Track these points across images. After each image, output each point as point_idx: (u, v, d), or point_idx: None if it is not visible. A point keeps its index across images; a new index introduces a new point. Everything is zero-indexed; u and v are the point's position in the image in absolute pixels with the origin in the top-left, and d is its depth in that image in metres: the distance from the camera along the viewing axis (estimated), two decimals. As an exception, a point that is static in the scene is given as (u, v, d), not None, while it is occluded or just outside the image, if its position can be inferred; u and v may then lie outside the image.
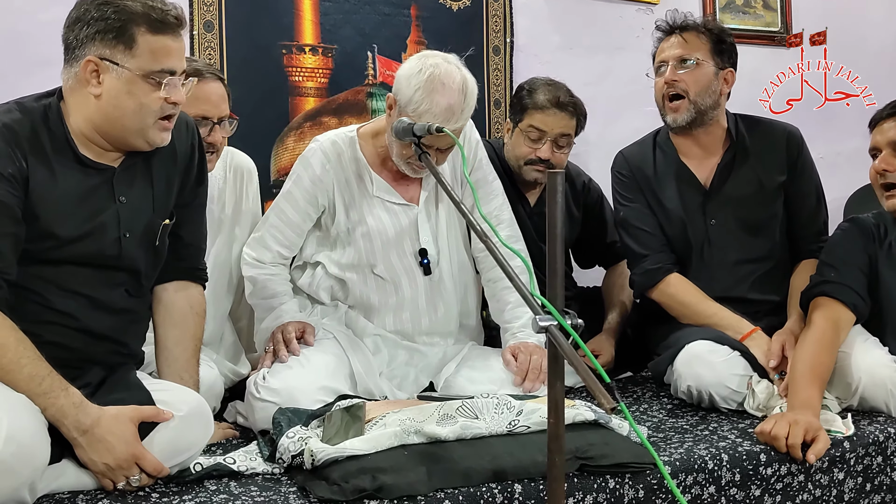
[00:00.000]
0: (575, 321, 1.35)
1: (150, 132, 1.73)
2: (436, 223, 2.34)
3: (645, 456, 1.74)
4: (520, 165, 2.61)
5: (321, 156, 2.27)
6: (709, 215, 2.45)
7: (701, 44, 2.43)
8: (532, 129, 2.56)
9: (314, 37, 2.87)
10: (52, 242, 1.68)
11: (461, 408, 1.85)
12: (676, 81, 2.41)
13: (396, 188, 2.30)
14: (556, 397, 1.44)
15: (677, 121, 2.43)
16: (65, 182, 1.70)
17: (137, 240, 1.78)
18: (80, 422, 1.58)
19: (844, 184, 3.39)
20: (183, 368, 1.91)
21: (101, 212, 1.73)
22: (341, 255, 2.30)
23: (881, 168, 2.18)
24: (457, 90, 2.11)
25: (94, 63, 1.67)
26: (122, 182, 1.77)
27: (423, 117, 2.07)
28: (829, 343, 2.12)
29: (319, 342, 2.20)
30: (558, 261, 1.44)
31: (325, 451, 1.66)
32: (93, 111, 1.70)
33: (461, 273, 2.39)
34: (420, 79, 2.10)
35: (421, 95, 2.09)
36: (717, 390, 2.16)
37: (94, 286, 1.74)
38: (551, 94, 2.56)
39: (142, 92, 1.69)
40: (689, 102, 2.41)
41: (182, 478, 1.70)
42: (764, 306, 2.43)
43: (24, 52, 2.45)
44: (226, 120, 2.21)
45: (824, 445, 1.88)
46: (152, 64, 1.69)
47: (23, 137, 1.66)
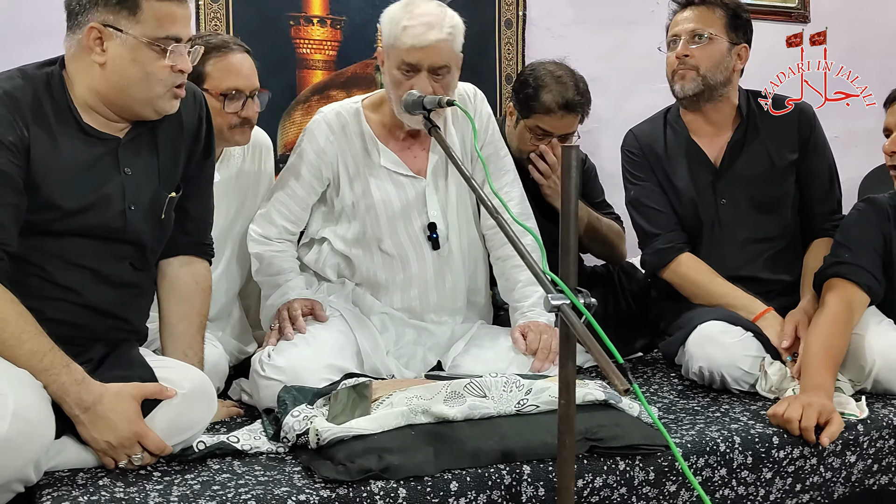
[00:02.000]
0: (588, 300, 1.33)
1: (159, 101, 1.70)
2: (444, 196, 2.30)
3: (656, 438, 1.72)
4: (521, 157, 2.57)
5: (325, 128, 2.24)
6: (719, 194, 2.41)
7: (715, 18, 2.37)
8: (538, 129, 2.53)
9: (322, 8, 2.82)
10: (55, 213, 1.64)
11: (469, 385, 1.82)
12: (688, 57, 2.36)
13: (403, 159, 2.27)
14: (568, 378, 1.42)
15: (684, 89, 2.37)
16: (68, 152, 1.66)
17: (143, 212, 1.75)
18: (81, 399, 1.56)
19: (859, 163, 3.34)
20: (187, 345, 1.89)
21: (105, 183, 1.70)
22: (346, 231, 2.27)
23: (890, 149, 2.14)
24: (433, 4, 2.15)
25: (97, 30, 1.63)
26: (127, 153, 1.73)
27: (404, 37, 2.08)
28: (843, 325, 2.08)
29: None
30: (571, 238, 1.41)
31: (330, 431, 1.63)
32: (97, 79, 1.67)
33: (470, 249, 2.36)
34: (396, 8, 2.14)
35: (399, 15, 2.11)
36: (730, 371, 2.12)
37: (98, 259, 1.71)
38: (559, 95, 2.47)
39: (147, 59, 1.65)
40: (699, 75, 2.36)
41: (185, 456, 1.67)
42: (776, 286, 2.39)
43: (25, 21, 2.42)
44: (257, 93, 2.16)
45: (838, 428, 1.85)
46: (157, 30, 1.65)
47: (24, 105, 1.62)
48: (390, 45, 2.13)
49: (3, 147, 1.58)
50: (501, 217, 1.55)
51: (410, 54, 2.09)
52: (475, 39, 3.01)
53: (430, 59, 2.10)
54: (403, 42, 2.09)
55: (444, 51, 2.11)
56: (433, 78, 2.11)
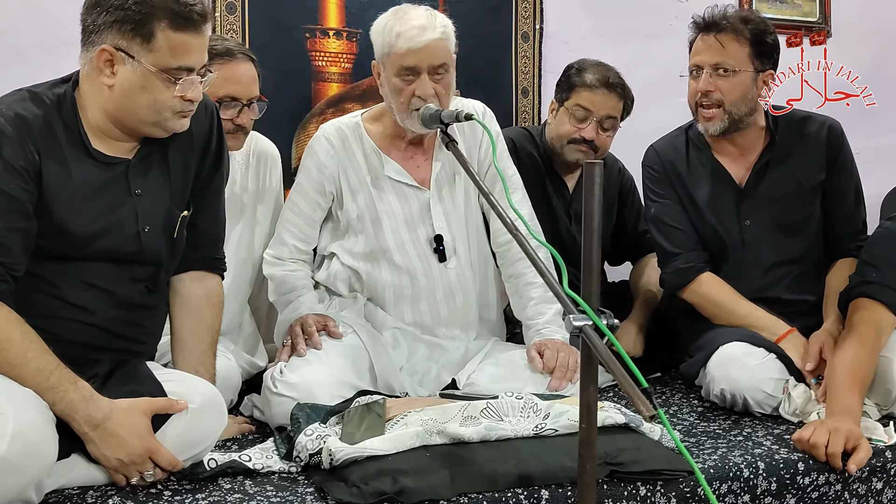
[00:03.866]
0: (611, 321, 1.29)
1: (167, 123, 1.68)
2: (450, 207, 2.28)
3: (678, 462, 1.67)
4: (562, 145, 2.56)
5: (325, 142, 2.25)
6: (743, 215, 2.36)
7: (739, 48, 2.27)
8: (578, 108, 2.51)
9: (339, 20, 2.81)
10: (68, 239, 1.62)
11: (486, 409, 1.78)
12: (711, 91, 2.29)
13: (407, 169, 2.26)
14: (589, 401, 1.37)
15: (710, 130, 2.33)
16: (79, 176, 1.64)
17: (157, 233, 1.73)
18: (90, 416, 1.53)
19: (882, 181, 3.30)
20: (199, 361, 1.85)
21: (118, 206, 1.68)
22: (354, 244, 2.26)
23: None
24: (422, 8, 2.17)
25: (108, 53, 1.61)
26: (137, 174, 1.71)
27: (399, 42, 2.09)
28: (871, 347, 2.03)
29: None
30: (594, 256, 1.36)
31: (344, 451, 1.60)
32: (106, 100, 1.64)
33: (479, 262, 2.34)
34: (385, 18, 2.17)
35: (390, 24, 2.13)
36: (753, 394, 2.07)
37: (113, 282, 1.69)
38: (601, 73, 2.51)
39: (156, 88, 1.63)
40: (724, 112, 2.29)
41: (196, 474, 1.64)
42: (800, 307, 2.34)
43: (44, 31, 2.42)
44: (255, 102, 2.18)
45: (866, 455, 1.80)
46: (170, 61, 1.62)
47: (36, 129, 1.60)
48: (385, 53, 2.13)
49: (13, 171, 1.55)
50: (520, 233, 1.52)
51: (408, 58, 2.09)
52: (492, 52, 3.01)
53: (429, 60, 2.10)
54: (399, 47, 2.10)
55: (441, 49, 2.12)
56: (433, 78, 2.12)
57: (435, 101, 2.10)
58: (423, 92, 2.09)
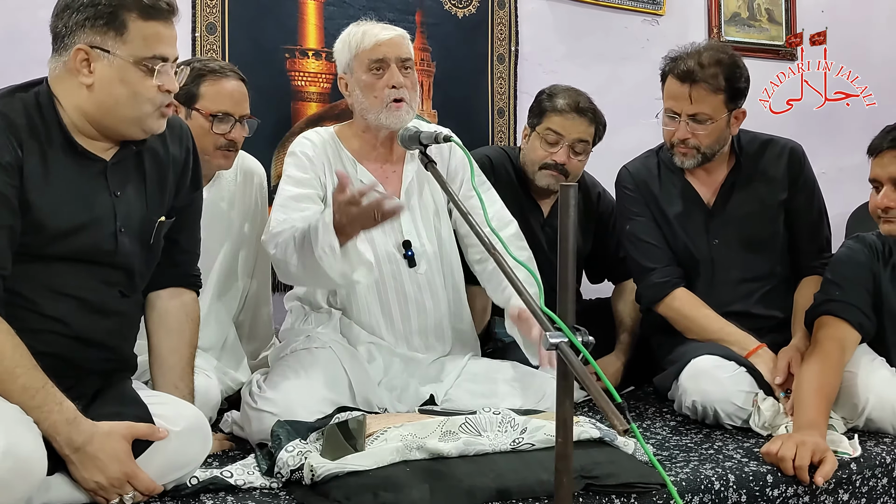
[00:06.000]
0: (586, 338, 1.32)
1: (147, 120, 1.69)
2: (418, 215, 2.32)
3: (651, 476, 1.71)
4: (534, 171, 2.60)
5: (308, 143, 2.29)
6: (712, 234, 2.43)
7: (714, 98, 2.29)
8: (550, 132, 2.55)
9: (318, 41, 2.84)
10: (45, 235, 1.61)
11: (464, 425, 1.82)
12: (688, 139, 2.34)
13: (379, 178, 2.28)
14: (565, 416, 1.40)
15: (685, 165, 2.40)
16: (59, 172, 1.64)
17: (132, 236, 1.73)
18: (72, 439, 1.53)
19: (847, 200, 3.37)
20: (178, 377, 1.87)
21: (96, 204, 1.68)
22: None
23: (884, 205, 2.10)
24: (376, 20, 2.32)
25: (84, 52, 1.63)
26: (115, 175, 1.72)
27: (366, 39, 2.21)
28: (835, 363, 2.09)
29: (315, 353, 2.15)
30: (570, 275, 1.41)
31: (325, 467, 1.62)
32: (84, 100, 1.66)
33: (449, 273, 2.36)
34: (347, 30, 2.30)
35: (353, 30, 2.26)
36: (723, 406, 2.13)
37: (87, 287, 1.68)
38: (571, 98, 2.56)
39: (134, 79, 1.65)
40: (699, 153, 2.36)
41: (178, 492, 1.65)
42: (768, 322, 2.40)
43: (22, 50, 2.42)
44: (246, 119, 2.22)
45: (832, 467, 1.85)
46: (144, 50, 1.65)
47: (18, 124, 1.61)
48: (354, 56, 2.24)
49: None
50: (498, 252, 1.55)
51: (376, 50, 2.20)
52: (468, 74, 3.06)
53: (396, 52, 2.22)
54: (367, 44, 2.22)
55: (405, 46, 2.25)
56: (403, 72, 2.21)
57: (405, 94, 2.19)
58: (396, 81, 2.19)
